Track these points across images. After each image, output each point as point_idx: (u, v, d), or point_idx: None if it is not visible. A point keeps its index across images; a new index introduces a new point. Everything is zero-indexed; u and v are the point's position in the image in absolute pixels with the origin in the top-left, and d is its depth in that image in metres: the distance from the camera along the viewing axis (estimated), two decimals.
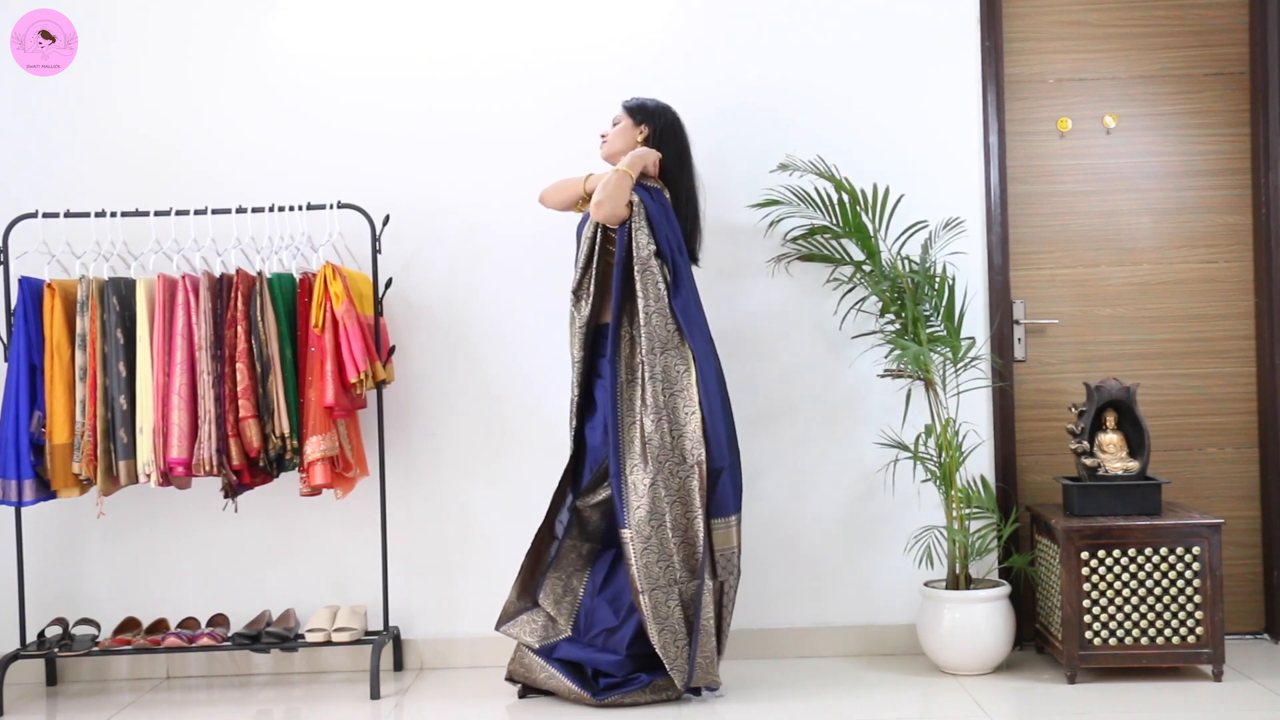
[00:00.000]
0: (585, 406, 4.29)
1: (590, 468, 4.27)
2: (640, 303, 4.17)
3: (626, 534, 4.10)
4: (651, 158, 4.29)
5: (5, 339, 4.47)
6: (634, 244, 4.18)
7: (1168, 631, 4.28)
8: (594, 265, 4.24)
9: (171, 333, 4.40)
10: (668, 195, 4.32)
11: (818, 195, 4.55)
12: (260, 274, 4.42)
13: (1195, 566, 4.28)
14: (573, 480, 4.30)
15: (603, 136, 4.42)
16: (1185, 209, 4.83)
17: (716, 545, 4.17)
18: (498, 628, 4.28)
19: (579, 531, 4.30)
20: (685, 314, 4.20)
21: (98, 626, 4.58)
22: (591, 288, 4.24)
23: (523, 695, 4.30)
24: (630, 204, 4.19)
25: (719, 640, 4.20)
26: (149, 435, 4.36)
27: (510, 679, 4.32)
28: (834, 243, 4.62)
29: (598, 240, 4.24)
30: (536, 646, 4.22)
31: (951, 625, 4.40)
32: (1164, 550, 4.29)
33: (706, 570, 4.13)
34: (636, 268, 4.17)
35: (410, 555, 4.73)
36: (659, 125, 4.35)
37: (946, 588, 4.47)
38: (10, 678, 4.55)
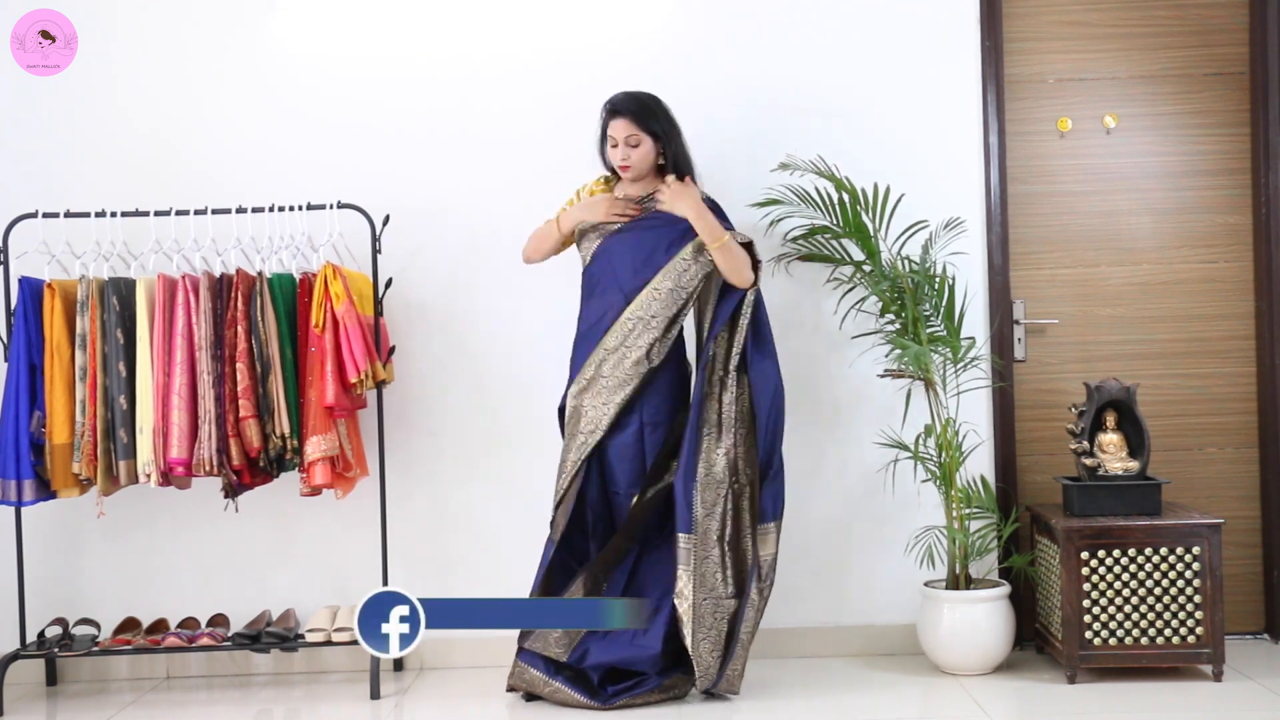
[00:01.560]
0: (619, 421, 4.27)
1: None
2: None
3: (690, 539, 4.10)
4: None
5: (5, 339, 4.47)
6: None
7: (1168, 631, 4.28)
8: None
9: (171, 333, 4.40)
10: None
11: (818, 195, 4.55)
12: (260, 274, 4.42)
13: (1195, 566, 4.28)
14: (599, 478, 4.27)
15: (624, 166, 4.28)
16: (1185, 209, 4.83)
17: (761, 552, 4.19)
18: (521, 644, 4.21)
19: (595, 537, 4.27)
20: (755, 327, 4.28)
21: (98, 626, 4.58)
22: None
23: (528, 699, 4.26)
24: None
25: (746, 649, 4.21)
26: (149, 435, 4.36)
27: (511, 690, 4.29)
28: (834, 243, 4.62)
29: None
30: (565, 659, 4.16)
31: (951, 625, 4.40)
32: (1164, 550, 4.29)
33: (753, 582, 4.15)
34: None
35: (410, 555, 4.73)
36: (665, 127, 4.29)
37: (946, 588, 4.47)
38: (10, 678, 4.54)
